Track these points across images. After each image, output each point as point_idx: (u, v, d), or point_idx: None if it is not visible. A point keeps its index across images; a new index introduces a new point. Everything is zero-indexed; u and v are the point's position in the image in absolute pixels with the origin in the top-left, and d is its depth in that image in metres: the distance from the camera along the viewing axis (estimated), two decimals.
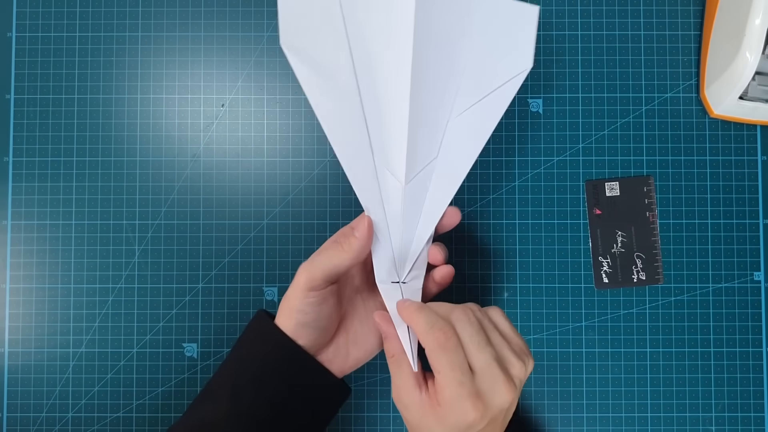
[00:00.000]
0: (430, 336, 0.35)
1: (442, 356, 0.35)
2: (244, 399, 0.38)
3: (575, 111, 0.50)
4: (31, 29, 0.51)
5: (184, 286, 0.50)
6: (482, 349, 0.35)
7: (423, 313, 0.36)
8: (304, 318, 0.38)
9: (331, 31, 0.39)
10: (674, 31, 0.51)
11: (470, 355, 0.35)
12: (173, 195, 0.50)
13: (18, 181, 0.50)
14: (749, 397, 0.49)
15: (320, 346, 0.40)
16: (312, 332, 0.39)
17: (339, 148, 0.39)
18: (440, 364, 0.35)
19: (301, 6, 0.38)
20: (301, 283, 0.38)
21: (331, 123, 0.39)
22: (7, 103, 0.51)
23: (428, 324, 0.36)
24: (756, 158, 0.50)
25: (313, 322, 0.39)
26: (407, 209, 0.39)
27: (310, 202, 0.50)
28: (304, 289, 0.38)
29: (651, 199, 0.50)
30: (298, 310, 0.38)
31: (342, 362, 0.41)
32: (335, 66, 0.39)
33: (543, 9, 0.51)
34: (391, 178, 0.39)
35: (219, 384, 0.40)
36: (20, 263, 0.50)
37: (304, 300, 0.38)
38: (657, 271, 0.50)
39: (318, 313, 0.39)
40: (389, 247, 0.40)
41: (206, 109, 0.51)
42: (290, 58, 0.38)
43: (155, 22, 0.51)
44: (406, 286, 0.40)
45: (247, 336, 0.41)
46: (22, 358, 0.50)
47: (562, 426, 0.49)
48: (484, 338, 0.36)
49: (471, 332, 0.36)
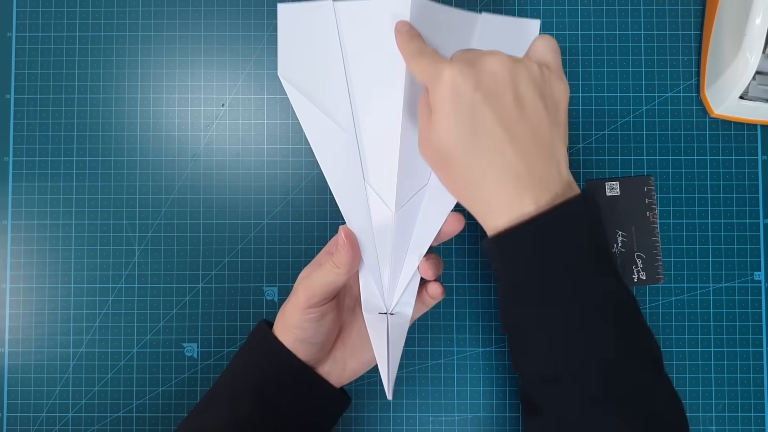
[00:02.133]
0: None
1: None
2: (243, 411, 0.38)
3: (575, 111, 0.50)
4: (31, 29, 0.51)
5: (184, 286, 0.50)
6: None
7: (417, 49, 0.35)
8: (303, 334, 0.38)
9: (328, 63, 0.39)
10: (674, 31, 0.51)
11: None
12: (173, 195, 0.50)
13: (18, 181, 0.50)
14: (749, 397, 0.49)
15: (318, 360, 0.40)
16: (310, 347, 0.39)
17: (330, 175, 0.39)
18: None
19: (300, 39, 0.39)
20: (300, 301, 0.38)
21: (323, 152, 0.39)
22: (7, 102, 0.51)
23: (417, 51, 0.35)
24: (756, 158, 0.50)
25: (311, 338, 0.38)
26: (397, 236, 0.39)
27: (310, 202, 0.50)
28: (303, 307, 0.38)
29: (651, 199, 0.50)
30: (296, 326, 0.38)
31: (339, 374, 0.41)
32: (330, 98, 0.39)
33: (543, 9, 0.51)
34: (381, 205, 0.39)
35: (219, 394, 0.40)
36: (20, 263, 0.50)
37: (303, 317, 0.38)
38: (657, 271, 0.50)
39: (316, 329, 0.38)
40: (378, 275, 0.39)
41: (206, 109, 0.51)
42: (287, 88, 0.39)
43: (155, 22, 0.51)
44: (394, 318, 0.39)
45: (248, 346, 0.41)
46: (22, 358, 0.50)
47: None
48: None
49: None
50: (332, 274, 0.37)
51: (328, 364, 0.41)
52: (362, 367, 0.41)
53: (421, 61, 0.34)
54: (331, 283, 0.37)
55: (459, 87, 0.32)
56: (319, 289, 0.37)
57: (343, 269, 0.37)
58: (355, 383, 0.50)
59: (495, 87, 0.32)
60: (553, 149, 0.33)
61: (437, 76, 0.32)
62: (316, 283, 0.37)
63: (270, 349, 0.39)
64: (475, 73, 0.32)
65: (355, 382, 0.49)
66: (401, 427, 0.50)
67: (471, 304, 0.50)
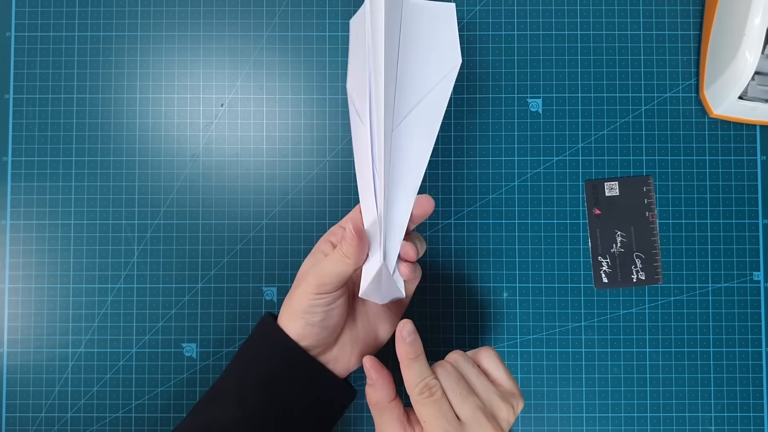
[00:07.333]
0: (416, 390, 0.37)
1: (426, 409, 0.36)
2: (251, 404, 0.39)
3: (575, 111, 0.50)
4: (31, 29, 0.51)
5: (184, 286, 0.50)
6: (465, 398, 0.36)
7: (415, 364, 0.37)
8: (313, 318, 0.39)
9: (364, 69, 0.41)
10: (674, 31, 0.51)
11: (455, 406, 0.36)
12: (172, 195, 0.50)
13: (17, 181, 0.50)
14: (749, 397, 0.49)
15: (326, 346, 0.40)
16: (320, 331, 0.39)
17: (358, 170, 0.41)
18: (425, 414, 0.36)
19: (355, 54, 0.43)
20: (311, 287, 0.38)
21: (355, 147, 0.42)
22: (6, 102, 0.51)
23: (418, 377, 0.37)
24: (755, 158, 0.50)
25: (322, 322, 0.39)
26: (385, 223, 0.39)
27: (310, 202, 0.50)
28: (314, 293, 0.38)
29: (650, 199, 0.50)
30: (306, 311, 0.39)
31: (346, 360, 0.41)
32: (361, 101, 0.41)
33: (543, 9, 0.51)
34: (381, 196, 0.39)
35: (226, 387, 0.40)
36: (19, 263, 0.50)
37: (313, 302, 0.38)
38: (656, 271, 0.50)
39: (326, 313, 0.39)
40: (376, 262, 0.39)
41: (206, 109, 0.51)
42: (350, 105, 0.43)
43: (155, 22, 0.51)
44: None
45: (253, 338, 0.41)
46: (21, 358, 0.50)
47: (561, 426, 0.49)
48: (465, 387, 0.37)
49: (451, 383, 0.37)
50: (342, 263, 0.38)
51: (336, 349, 0.41)
52: (368, 351, 0.42)
53: (412, 366, 0.38)
54: (341, 273, 0.38)
55: None
56: (329, 278, 0.38)
57: (352, 260, 0.38)
58: (354, 384, 0.49)
59: None
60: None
61: (422, 392, 0.37)
62: (326, 272, 0.38)
63: (275, 342, 0.39)
64: None
65: (355, 382, 0.49)
66: None
67: (470, 304, 0.50)
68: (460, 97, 0.51)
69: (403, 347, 0.37)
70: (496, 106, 0.51)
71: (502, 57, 0.51)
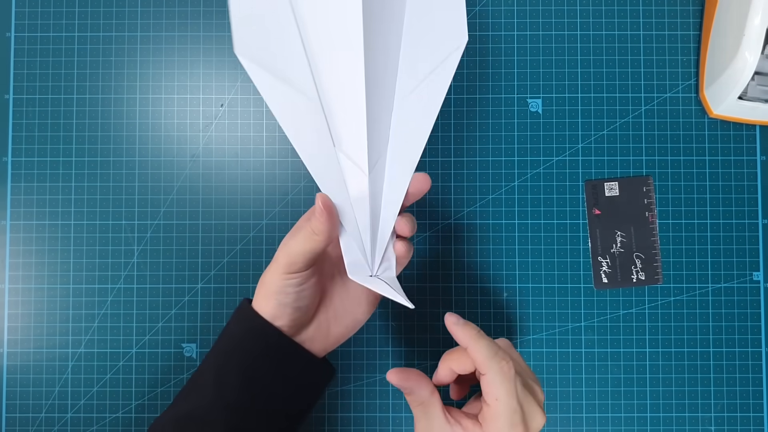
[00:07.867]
0: (494, 364, 0.37)
1: (504, 384, 0.36)
2: (229, 389, 0.38)
3: (574, 111, 0.50)
4: (30, 29, 0.51)
5: (184, 286, 0.50)
6: (531, 388, 0.38)
7: (483, 339, 0.38)
8: (285, 299, 0.38)
9: (284, 34, 0.39)
10: (674, 31, 0.51)
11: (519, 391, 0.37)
12: (172, 195, 0.50)
13: (17, 181, 0.50)
14: (749, 397, 0.49)
15: (301, 325, 0.40)
16: (293, 312, 0.39)
17: (300, 146, 0.39)
18: (501, 392, 0.36)
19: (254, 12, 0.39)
20: (281, 267, 0.38)
21: (290, 123, 0.39)
22: (6, 103, 0.51)
23: (492, 351, 0.37)
24: (755, 158, 0.50)
25: (294, 302, 0.39)
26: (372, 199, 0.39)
27: (309, 202, 0.50)
28: (284, 272, 0.38)
29: (650, 199, 0.50)
30: (278, 291, 0.38)
31: (323, 339, 0.41)
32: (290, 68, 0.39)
33: (542, 9, 0.51)
34: (355, 169, 0.39)
35: (204, 375, 0.40)
36: (19, 263, 0.50)
37: (284, 282, 0.38)
38: (656, 271, 0.50)
39: (298, 293, 0.39)
40: (359, 240, 0.39)
41: (205, 109, 0.51)
42: (245, 64, 0.38)
43: (154, 22, 0.51)
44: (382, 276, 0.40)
45: (230, 324, 0.41)
46: (21, 358, 0.50)
47: (561, 426, 0.49)
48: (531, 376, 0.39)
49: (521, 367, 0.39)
50: (311, 241, 0.37)
51: (312, 329, 0.41)
52: (346, 331, 0.42)
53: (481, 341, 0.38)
54: (310, 250, 0.37)
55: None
56: (299, 256, 0.37)
57: (321, 237, 0.37)
58: (354, 383, 0.50)
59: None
60: None
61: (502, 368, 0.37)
62: (295, 250, 0.37)
63: (251, 326, 0.39)
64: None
65: (354, 382, 0.49)
66: (401, 427, 0.49)
67: (470, 304, 0.50)
68: (460, 97, 0.51)
69: (464, 329, 0.38)
70: (496, 106, 0.51)
71: (502, 57, 0.51)
